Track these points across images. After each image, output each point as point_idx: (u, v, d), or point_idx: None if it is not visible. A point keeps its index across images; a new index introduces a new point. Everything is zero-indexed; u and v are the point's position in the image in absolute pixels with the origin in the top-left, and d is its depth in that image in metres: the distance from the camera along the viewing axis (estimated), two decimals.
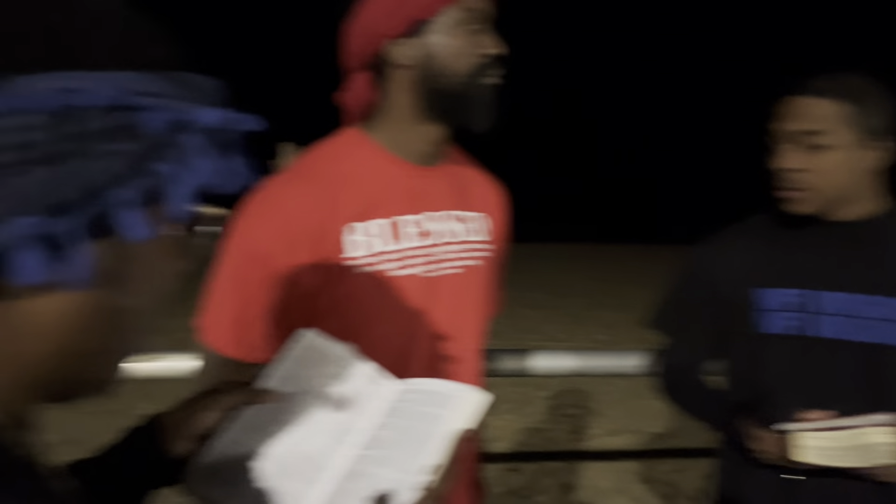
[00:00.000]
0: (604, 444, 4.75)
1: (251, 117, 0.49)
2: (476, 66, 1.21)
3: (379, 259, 1.22)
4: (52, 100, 0.41)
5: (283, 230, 1.17)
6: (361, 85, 1.29)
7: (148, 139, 0.44)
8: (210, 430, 0.83)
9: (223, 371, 1.21)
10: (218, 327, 1.21)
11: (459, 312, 1.31)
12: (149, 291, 0.51)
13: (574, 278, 12.37)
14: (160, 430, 0.81)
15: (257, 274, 1.17)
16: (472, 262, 1.33)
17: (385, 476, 0.78)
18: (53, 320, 0.46)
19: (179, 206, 0.45)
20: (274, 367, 0.90)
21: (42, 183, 0.41)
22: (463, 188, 1.36)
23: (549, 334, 7.94)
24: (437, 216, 1.29)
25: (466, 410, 0.82)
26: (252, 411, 0.85)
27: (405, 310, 1.24)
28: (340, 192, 1.21)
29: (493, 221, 1.42)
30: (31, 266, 0.40)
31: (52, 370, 0.48)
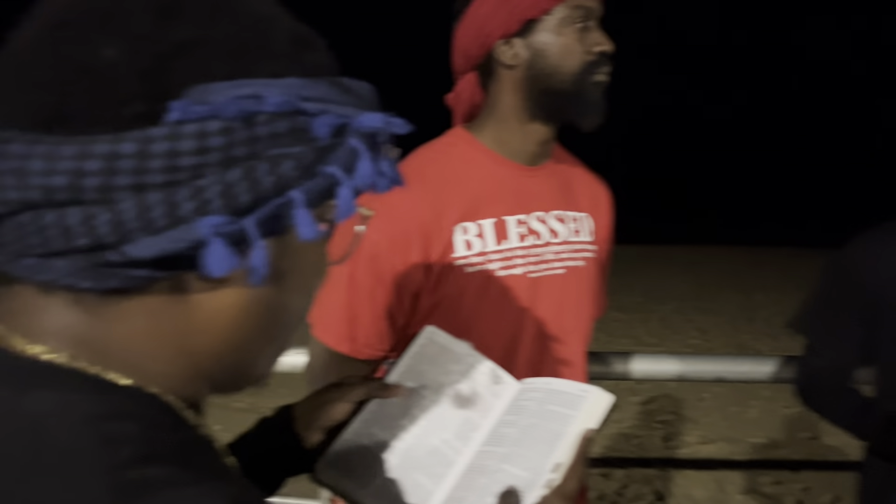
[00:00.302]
0: (698, 453, 4.61)
1: (402, 121, 0.51)
2: (585, 64, 1.21)
3: (484, 259, 1.22)
4: (227, 107, 0.43)
5: (394, 230, 1.19)
6: (469, 86, 1.30)
7: (316, 142, 0.46)
8: (338, 422, 0.86)
9: (334, 366, 1.24)
10: (331, 324, 1.24)
11: (563, 313, 1.30)
12: (306, 288, 0.54)
13: (666, 281, 12.06)
14: (292, 421, 0.85)
15: (369, 273, 1.20)
16: (575, 262, 1.32)
17: (512, 473, 0.79)
18: (225, 314, 0.49)
19: (345, 208, 0.47)
20: (398, 363, 0.92)
21: (222, 185, 0.43)
22: (568, 188, 1.35)
23: (639, 338, 7.77)
24: (542, 216, 1.29)
25: (594, 410, 0.82)
26: (378, 405, 0.88)
27: (508, 310, 1.24)
28: (448, 192, 1.23)
29: (597, 221, 1.40)
30: (216, 262, 0.43)
31: (220, 361, 0.51)
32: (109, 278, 0.44)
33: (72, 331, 0.46)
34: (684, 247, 16.93)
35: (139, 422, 0.45)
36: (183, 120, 0.42)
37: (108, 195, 0.42)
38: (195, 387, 0.51)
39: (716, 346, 7.49)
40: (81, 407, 0.44)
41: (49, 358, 0.45)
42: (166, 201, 0.42)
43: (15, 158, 0.42)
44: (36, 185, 0.41)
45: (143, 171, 0.41)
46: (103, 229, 0.42)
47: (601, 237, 1.41)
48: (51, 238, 0.42)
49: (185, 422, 0.49)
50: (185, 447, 0.47)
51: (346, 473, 0.84)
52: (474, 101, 1.32)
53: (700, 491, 4.01)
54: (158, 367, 0.48)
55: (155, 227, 0.42)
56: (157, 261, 0.43)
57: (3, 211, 0.43)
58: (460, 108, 1.34)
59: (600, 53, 1.22)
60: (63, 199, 0.42)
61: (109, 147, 0.41)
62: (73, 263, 0.43)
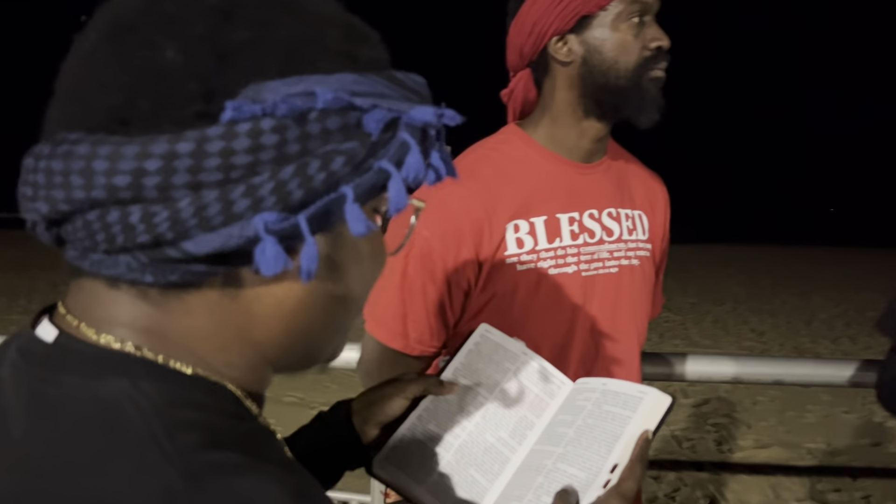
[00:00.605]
0: (753, 457, 4.50)
1: (454, 112, 0.50)
2: (642, 59, 1.19)
3: (536, 257, 1.22)
4: (280, 106, 0.44)
5: (446, 227, 1.19)
6: (523, 82, 1.30)
7: (368, 138, 0.46)
8: (394, 418, 0.87)
9: (387, 362, 1.25)
10: (384, 320, 1.25)
11: (617, 313, 1.28)
12: (362, 280, 0.54)
13: (721, 281, 11.82)
14: (349, 416, 0.86)
15: (421, 270, 1.20)
16: (629, 261, 1.30)
17: (569, 473, 0.79)
18: (283, 305, 0.50)
19: (397, 201, 0.47)
20: (452, 360, 0.93)
21: (275, 182, 0.44)
22: (623, 185, 1.33)
23: (691, 340, 7.64)
24: (596, 214, 1.27)
25: (653, 412, 0.81)
26: (434, 402, 0.89)
27: (560, 309, 1.23)
28: (501, 189, 1.22)
29: (653, 219, 1.38)
30: (271, 258, 0.44)
31: (283, 350, 0.53)
32: (170, 273, 0.46)
33: (138, 322, 0.48)
34: (740, 246, 16.57)
35: (204, 409, 0.47)
36: (237, 119, 0.43)
37: (166, 193, 0.43)
38: (258, 375, 0.53)
39: (771, 349, 7.31)
40: (152, 394, 0.45)
41: (119, 347, 0.47)
42: (222, 199, 0.43)
43: (81, 159, 0.43)
44: (100, 185, 0.43)
45: (199, 169, 0.43)
46: (163, 226, 0.43)
47: (657, 235, 1.39)
48: (115, 235, 0.44)
49: (247, 411, 0.51)
50: (249, 436, 0.48)
51: (402, 468, 0.84)
52: (528, 97, 1.31)
53: (755, 496, 3.92)
54: (222, 357, 0.50)
55: (211, 225, 0.43)
56: (214, 256, 0.45)
57: (72, 209, 0.44)
58: (514, 105, 1.33)
59: (657, 49, 1.20)
60: (125, 197, 0.43)
61: (168, 147, 0.43)
62: (136, 259, 0.45)
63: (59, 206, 0.44)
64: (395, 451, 0.85)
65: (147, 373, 0.47)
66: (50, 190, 0.44)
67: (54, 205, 0.45)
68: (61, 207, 0.44)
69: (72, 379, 0.46)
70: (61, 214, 0.45)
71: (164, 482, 0.42)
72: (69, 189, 0.44)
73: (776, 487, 4.03)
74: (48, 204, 0.45)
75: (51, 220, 0.46)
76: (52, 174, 0.44)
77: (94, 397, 0.45)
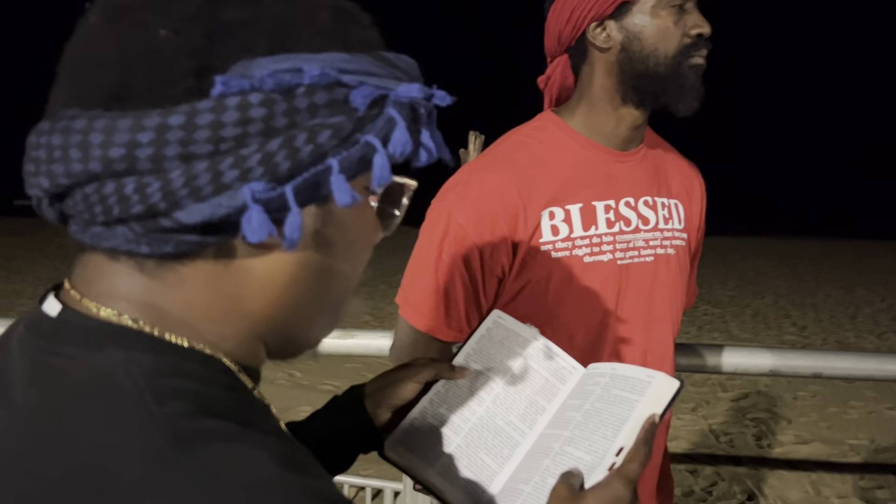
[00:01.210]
0: (793, 453, 4.43)
1: (444, 93, 0.52)
2: (682, 46, 1.17)
3: (571, 245, 1.21)
4: (267, 80, 0.46)
5: (480, 213, 1.19)
6: (560, 68, 1.29)
7: (355, 113, 0.48)
8: (407, 402, 0.88)
9: (420, 347, 1.26)
10: (417, 305, 1.26)
11: (651, 302, 1.27)
12: (352, 257, 0.56)
13: (761, 274, 11.61)
14: (362, 399, 0.87)
15: (455, 255, 1.21)
16: (664, 250, 1.29)
17: (575, 455, 0.79)
18: (273, 278, 0.52)
19: (382, 176, 0.49)
20: (465, 345, 0.94)
21: (262, 154, 0.46)
22: (660, 174, 1.32)
23: (731, 333, 7.52)
24: (632, 202, 1.26)
25: (660, 396, 0.80)
26: (445, 386, 0.90)
27: (595, 297, 1.23)
28: (536, 176, 1.22)
29: (689, 209, 1.36)
30: (256, 226, 0.46)
31: (273, 325, 0.55)
32: (164, 244, 0.48)
33: (136, 295, 0.51)
34: (781, 238, 16.23)
35: (196, 379, 0.49)
36: (226, 93, 0.45)
37: (159, 165, 0.45)
38: (251, 350, 0.55)
39: (814, 343, 7.17)
40: (145, 364, 0.48)
41: (117, 320, 0.50)
42: (211, 170, 0.45)
43: (79, 133, 0.46)
44: (96, 157, 0.45)
45: (189, 141, 0.45)
46: (155, 197, 0.45)
47: (692, 225, 1.37)
48: (111, 206, 0.46)
49: (240, 383, 0.53)
50: (239, 406, 0.50)
51: (412, 451, 0.86)
52: (565, 84, 1.30)
53: (794, 493, 3.85)
54: (215, 329, 0.52)
55: (201, 194, 0.46)
56: (205, 226, 0.47)
57: (71, 182, 0.47)
58: (551, 91, 1.32)
59: (698, 36, 1.18)
60: (120, 169, 0.45)
61: (160, 120, 0.45)
62: (132, 230, 0.47)
63: (59, 180, 0.47)
64: (406, 435, 0.87)
65: (142, 345, 0.49)
66: (50, 165, 0.47)
67: (54, 179, 0.47)
68: (61, 181, 0.47)
69: (72, 350, 0.49)
70: (62, 188, 0.47)
71: (151, 446, 0.44)
72: (68, 162, 0.46)
73: (816, 484, 3.96)
74: (49, 179, 0.47)
75: (52, 195, 0.49)
76: (52, 149, 0.47)
77: (91, 367, 0.48)
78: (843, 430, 4.72)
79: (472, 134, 3.64)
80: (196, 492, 0.42)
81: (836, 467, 4.23)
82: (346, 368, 5.58)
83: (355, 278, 0.58)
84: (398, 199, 0.59)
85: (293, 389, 5.32)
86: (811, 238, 15.78)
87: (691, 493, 3.82)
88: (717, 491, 3.87)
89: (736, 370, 1.84)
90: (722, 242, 12.76)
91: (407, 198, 0.60)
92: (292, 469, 0.46)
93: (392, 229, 0.61)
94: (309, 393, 5.14)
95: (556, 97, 1.33)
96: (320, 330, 0.59)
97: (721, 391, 5.45)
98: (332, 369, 5.63)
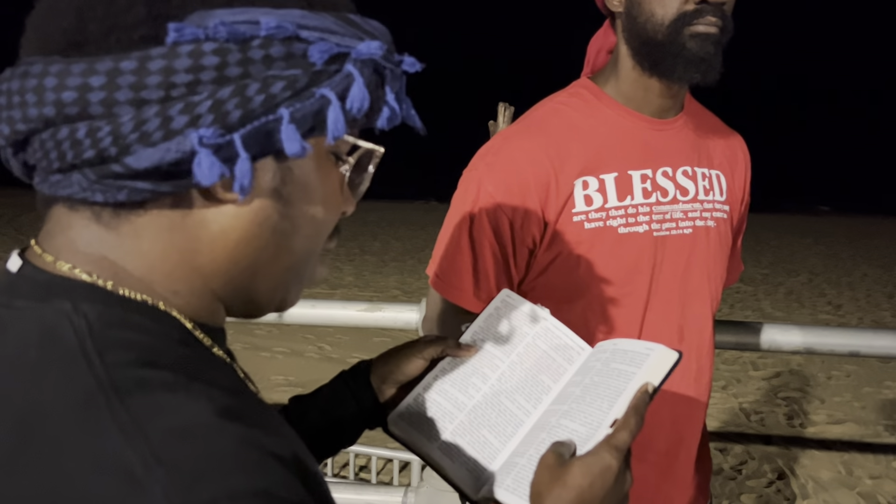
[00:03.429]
0: (825, 433, 4.37)
1: (409, 57, 0.53)
2: (679, 13, 1.11)
3: (605, 215, 1.18)
4: (220, 29, 0.46)
5: (511, 182, 1.17)
6: (602, 31, 1.26)
7: (311, 67, 0.49)
8: (412, 378, 0.88)
9: (450, 319, 1.24)
10: (447, 276, 1.23)
11: (689, 275, 1.23)
12: (314, 221, 0.56)
13: (796, 252, 11.41)
14: (368, 375, 0.88)
15: (485, 226, 1.18)
16: (704, 222, 1.25)
17: (570, 428, 0.78)
18: (227, 234, 0.52)
19: (336, 129, 0.49)
20: (473, 323, 0.93)
21: (213, 101, 0.46)
22: (701, 143, 1.27)
23: (764, 311, 7.42)
24: (670, 172, 1.22)
25: (658, 367, 0.79)
26: (451, 363, 0.89)
27: (630, 270, 1.19)
28: (570, 144, 1.18)
29: (732, 180, 1.31)
30: (206, 168, 0.46)
31: (229, 282, 0.54)
32: (117, 191, 0.48)
33: (92, 249, 0.51)
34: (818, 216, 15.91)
35: (144, 332, 0.49)
36: (179, 41, 0.46)
37: (110, 109, 0.46)
38: (207, 307, 0.55)
39: (849, 323, 7.05)
40: (91, 315, 0.48)
41: (71, 274, 0.51)
42: (161, 115, 0.46)
43: (35, 77, 0.47)
44: (50, 101, 0.46)
45: (140, 86, 0.45)
46: (106, 141, 0.46)
47: (735, 197, 1.32)
48: (65, 152, 0.47)
49: (194, 339, 0.53)
50: (190, 361, 0.50)
51: (415, 427, 0.86)
52: (603, 48, 1.27)
53: (826, 472, 3.81)
54: (170, 284, 0.52)
55: (151, 140, 0.46)
56: (156, 172, 0.47)
57: (28, 129, 0.48)
58: (588, 56, 1.29)
59: (702, 2, 1.11)
60: (72, 113, 0.46)
61: (112, 64, 0.46)
62: (86, 177, 0.48)
63: (17, 126, 0.48)
64: (409, 410, 0.86)
65: (91, 296, 0.50)
66: (10, 111, 0.48)
67: (13, 125, 0.48)
68: (19, 127, 0.48)
69: (21, 302, 0.50)
70: (21, 135, 0.48)
71: (84, 392, 0.44)
72: (24, 107, 0.47)
73: (849, 464, 3.91)
74: (8, 125, 0.48)
75: (14, 143, 0.49)
76: (11, 94, 0.48)
77: (38, 318, 0.49)
78: (878, 411, 4.65)
79: (501, 105, 3.59)
80: (121, 436, 0.43)
81: (870, 448, 4.17)
82: (374, 342, 5.62)
83: (317, 243, 0.58)
84: (365, 166, 0.59)
85: (322, 362, 5.38)
86: (848, 216, 15.45)
87: (720, 472, 3.79)
88: (746, 469, 3.84)
89: (770, 347, 1.81)
90: (754, 219, 12.57)
91: (373, 165, 0.59)
92: (231, 419, 0.45)
93: (359, 196, 0.60)
94: (338, 366, 5.16)
95: (594, 63, 1.29)
96: (282, 293, 0.59)
97: (752, 369, 5.38)
98: (361, 343, 5.67)
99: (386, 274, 8.98)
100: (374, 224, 13.20)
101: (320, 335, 5.92)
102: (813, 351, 1.82)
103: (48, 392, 0.45)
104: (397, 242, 11.61)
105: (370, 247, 10.91)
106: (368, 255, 10.18)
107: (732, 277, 1.42)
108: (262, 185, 0.51)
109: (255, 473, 0.43)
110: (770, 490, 3.63)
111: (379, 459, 3.22)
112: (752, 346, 1.80)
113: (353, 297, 7.47)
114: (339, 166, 0.56)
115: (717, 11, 1.12)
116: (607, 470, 0.69)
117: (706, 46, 1.12)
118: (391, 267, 9.50)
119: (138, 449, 0.42)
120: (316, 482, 0.48)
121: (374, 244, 11.21)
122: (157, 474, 0.41)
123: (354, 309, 1.88)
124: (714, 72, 1.14)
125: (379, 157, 0.59)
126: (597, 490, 0.69)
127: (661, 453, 1.25)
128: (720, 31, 1.13)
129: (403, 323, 1.86)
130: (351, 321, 1.89)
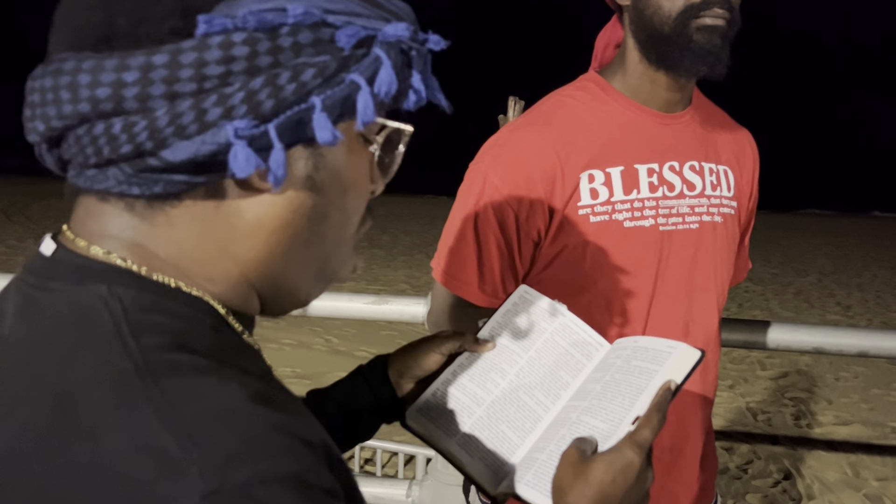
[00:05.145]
0: (832, 434, 4.35)
1: (435, 36, 0.52)
2: (687, 5, 1.11)
3: (611, 208, 1.17)
4: (249, 19, 0.46)
5: (516, 174, 1.16)
6: (610, 24, 1.25)
7: (340, 52, 0.49)
8: (430, 373, 0.87)
9: (455, 313, 1.24)
10: (452, 269, 1.23)
11: (695, 271, 1.22)
12: (346, 206, 0.56)
13: (806, 251, 11.36)
14: (386, 369, 0.87)
15: (490, 218, 1.18)
16: (710, 217, 1.24)
17: (591, 424, 0.78)
18: (263, 222, 0.52)
19: (366, 114, 0.49)
20: (491, 318, 0.93)
21: (245, 92, 0.46)
22: (709, 138, 1.26)
23: (772, 311, 7.39)
24: (677, 166, 1.21)
25: (680, 365, 0.79)
26: (469, 358, 0.89)
27: (635, 264, 1.18)
28: (576, 137, 1.17)
29: (740, 176, 1.30)
30: (242, 160, 0.46)
31: (264, 270, 0.54)
32: (154, 184, 0.49)
33: (125, 234, 0.51)
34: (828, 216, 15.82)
35: (178, 317, 0.50)
36: (209, 32, 0.46)
37: (145, 104, 0.46)
38: (242, 295, 0.55)
39: (858, 324, 7.01)
40: (126, 299, 0.49)
41: (105, 258, 0.51)
42: (195, 108, 0.46)
43: (68, 75, 0.47)
44: (85, 98, 0.46)
45: (174, 80, 0.46)
46: (142, 136, 0.46)
47: (743, 193, 1.31)
48: (102, 147, 0.47)
49: (227, 325, 0.53)
50: (224, 346, 0.50)
51: (433, 421, 0.85)
52: (611, 42, 1.26)
53: (832, 473, 3.79)
54: (204, 271, 0.53)
55: (186, 133, 0.46)
56: (192, 164, 0.47)
57: (63, 125, 0.48)
58: (597, 49, 1.28)
59: None
60: (108, 109, 0.46)
61: (144, 59, 0.46)
62: (122, 171, 0.48)
63: (53, 123, 0.48)
64: (428, 405, 0.86)
65: (126, 281, 0.50)
66: (44, 108, 0.48)
67: (48, 122, 0.48)
68: (54, 124, 0.48)
69: (58, 285, 0.50)
70: (56, 132, 0.48)
71: (120, 373, 0.45)
72: (59, 104, 0.47)
73: (856, 466, 3.89)
74: (43, 122, 0.48)
75: (49, 140, 0.50)
76: (45, 92, 0.48)
77: (73, 300, 0.49)
78: (886, 413, 4.62)
79: (511, 99, 3.57)
80: (156, 417, 0.43)
81: (877, 449, 4.14)
82: (381, 336, 5.62)
83: (349, 229, 0.58)
84: (395, 145, 0.59)
85: (330, 355, 5.39)
86: (858, 216, 15.36)
87: (726, 471, 3.78)
88: (752, 469, 3.82)
89: (778, 346, 1.79)
90: (764, 219, 12.51)
91: (403, 144, 0.59)
92: (263, 403, 0.45)
93: (389, 176, 0.60)
94: (345, 359, 5.19)
95: (602, 56, 1.28)
96: (312, 283, 0.59)
97: (760, 369, 5.36)
98: (368, 336, 5.68)
99: (394, 268, 8.99)
100: (383, 218, 13.22)
101: (328, 328, 5.93)
102: (821, 350, 1.81)
103: (84, 372, 0.45)
104: (406, 237, 11.62)
105: (379, 240, 10.92)
106: (377, 249, 10.19)
107: (740, 275, 1.41)
108: (296, 173, 0.51)
109: (287, 458, 0.44)
110: (776, 490, 3.61)
111: (384, 452, 3.22)
112: (759, 345, 1.78)
113: (361, 290, 7.48)
114: (368, 147, 0.56)
115: (725, 4, 1.11)
116: (630, 466, 0.69)
117: (713, 39, 1.11)
118: (399, 261, 9.51)
119: (174, 430, 0.42)
120: (343, 469, 0.49)
121: (382, 238, 11.22)
122: (192, 455, 0.42)
123: (362, 301, 1.88)
124: (721, 65, 1.13)
125: (408, 135, 0.58)
126: (619, 487, 0.69)
127: (665, 449, 1.24)
128: (727, 24, 1.12)
129: (410, 316, 1.86)
130: (358, 314, 1.89)
